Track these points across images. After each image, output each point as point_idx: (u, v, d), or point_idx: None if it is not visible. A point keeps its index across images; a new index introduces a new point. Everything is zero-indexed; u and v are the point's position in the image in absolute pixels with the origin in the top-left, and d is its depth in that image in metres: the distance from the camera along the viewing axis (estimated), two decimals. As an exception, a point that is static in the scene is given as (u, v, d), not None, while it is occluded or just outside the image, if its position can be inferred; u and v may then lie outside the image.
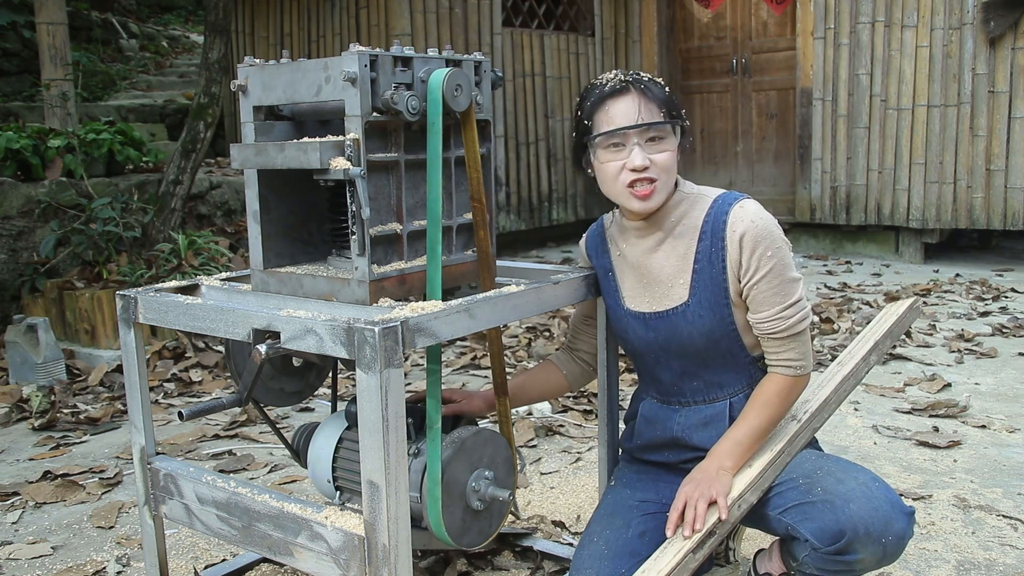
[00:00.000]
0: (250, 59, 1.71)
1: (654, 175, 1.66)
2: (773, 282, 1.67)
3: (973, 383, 3.67)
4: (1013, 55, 5.92)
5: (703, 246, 1.71)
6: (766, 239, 1.66)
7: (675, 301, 1.73)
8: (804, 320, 1.69)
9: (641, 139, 1.66)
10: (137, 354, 1.79)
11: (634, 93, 1.66)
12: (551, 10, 7.26)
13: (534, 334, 4.51)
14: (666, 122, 1.67)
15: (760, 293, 1.67)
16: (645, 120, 1.65)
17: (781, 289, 1.67)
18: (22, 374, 3.93)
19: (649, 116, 1.66)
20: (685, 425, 1.79)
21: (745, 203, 1.70)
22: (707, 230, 1.70)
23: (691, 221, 1.73)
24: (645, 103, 1.66)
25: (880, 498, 1.55)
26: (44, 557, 2.37)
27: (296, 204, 1.79)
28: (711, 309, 1.71)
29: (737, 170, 7.43)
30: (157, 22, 11.67)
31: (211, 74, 5.00)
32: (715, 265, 1.70)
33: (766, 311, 1.68)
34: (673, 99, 1.71)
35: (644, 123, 1.65)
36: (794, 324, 1.68)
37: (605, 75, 1.73)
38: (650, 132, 1.66)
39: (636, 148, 1.65)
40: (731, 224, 1.68)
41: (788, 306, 1.68)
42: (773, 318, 1.68)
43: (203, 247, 4.70)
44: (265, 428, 3.29)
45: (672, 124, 1.68)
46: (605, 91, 1.68)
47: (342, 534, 1.50)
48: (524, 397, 2.02)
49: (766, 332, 1.70)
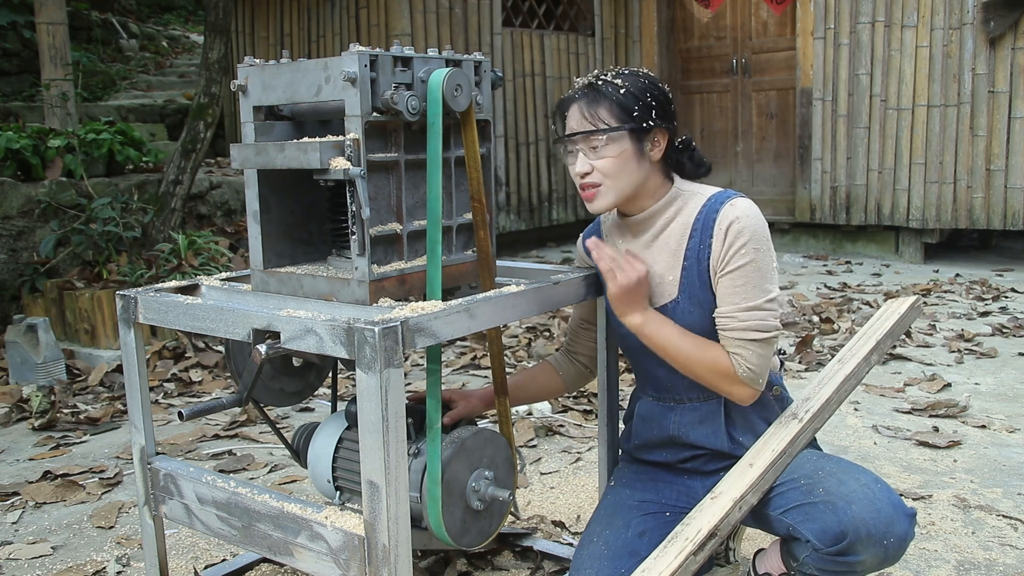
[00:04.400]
0: (250, 59, 1.71)
1: (596, 180, 1.69)
2: (739, 280, 1.64)
3: (973, 383, 3.67)
4: (1013, 55, 5.92)
5: (693, 243, 1.70)
6: (749, 236, 1.64)
7: (666, 298, 1.73)
8: (761, 331, 1.63)
9: (585, 145, 1.68)
10: (137, 354, 1.79)
11: (580, 102, 1.69)
12: (551, 10, 7.26)
13: (534, 334, 4.51)
14: (602, 130, 1.65)
15: (725, 286, 1.65)
16: (583, 128, 1.68)
17: (745, 290, 1.63)
18: (22, 374, 3.93)
19: (593, 123, 1.66)
20: (681, 423, 1.79)
21: (737, 201, 1.68)
22: (698, 227, 1.70)
23: (684, 218, 1.73)
24: (589, 112, 1.67)
25: (882, 499, 1.55)
26: (44, 557, 2.37)
27: (296, 204, 1.79)
28: (700, 306, 1.70)
29: (737, 170, 7.43)
30: (157, 22, 11.68)
31: (211, 74, 5.00)
32: (702, 262, 1.69)
33: (724, 306, 1.66)
34: (632, 99, 1.66)
35: (574, 132, 1.69)
36: (746, 328, 1.63)
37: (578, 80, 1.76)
38: (590, 140, 1.67)
39: (580, 155, 1.70)
40: (720, 220, 1.66)
41: (747, 308, 1.63)
42: (727, 315, 1.65)
43: (203, 247, 4.70)
44: (265, 428, 3.29)
45: (607, 131, 1.65)
46: (565, 97, 1.75)
47: (342, 534, 1.50)
48: (520, 397, 2.02)
49: (721, 328, 1.66)
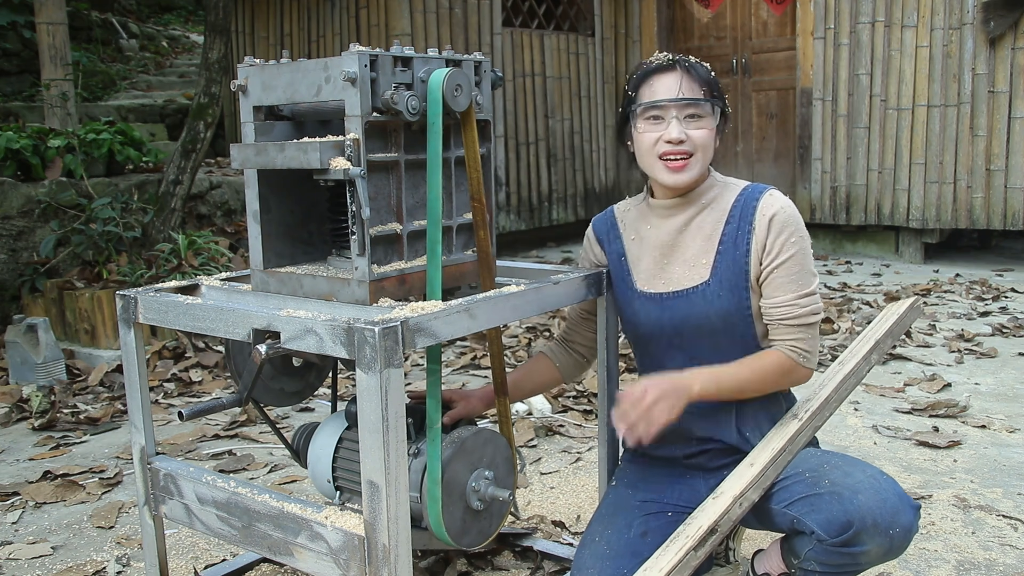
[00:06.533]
0: (250, 59, 1.71)
1: (689, 149, 1.72)
2: (793, 268, 1.70)
3: (973, 383, 3.67)
4: (1013, 55, 5.92)
5: (730, 228, 1.74)
6: (793, 225, 1.71)
7: (695, 280, 1.76)
8: (816, 314, 1.72)
9: (680, 114, 1.72)
10: (137, 354, 1.79)
11: (678, 70, 1.73)
12: (551, 10, 7.25)
13: (534, 334, 4.51)
14: (704, 99, 1.72)
15: (778, 277, 1.71)
16: (693, 95, 1.71)
17: (799, 277, 1.71)
18: (22, 374, 3.93)
19: (691, 93, 1.72)
20: (690, 415, 1.78)
21: (775, 192, 1.76)
22: (735, 214, 1.75)
23: (721, 204, 1.77)
24: (687, 80, 1.72)
25: (888, 490, 1.56)
26: (44, 557, 2.37)
27: (296, 204, 1.79)
28: (731, 291, 1.73)
29: (737, 170, 7.43)
30: (157, 22, 11.67)
31: (211, 74, 5.00)
32: (739, 247, 1.73)
33: (781, 296, 1.71)
34: (716, 82, 1.76)
35: (683, 98, 1.71)
36: (807, 314, 1.71)
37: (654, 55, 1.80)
38: (689, 108, 1.72)
39: (675, 121, 1.71)
40: (761, 208, 1.73)
41: (803, 295, 1.71)
42: (787, 304, 1.71)
43: (203, 247, 4.70)
44: (265, 428, 3.29)
45: (712, 103, 1.73)
46: (651, 67, 1.76)
47: (342, 534, 1.50)
48: (519, 393, 2.02)
49: (778, 318, 1.72)
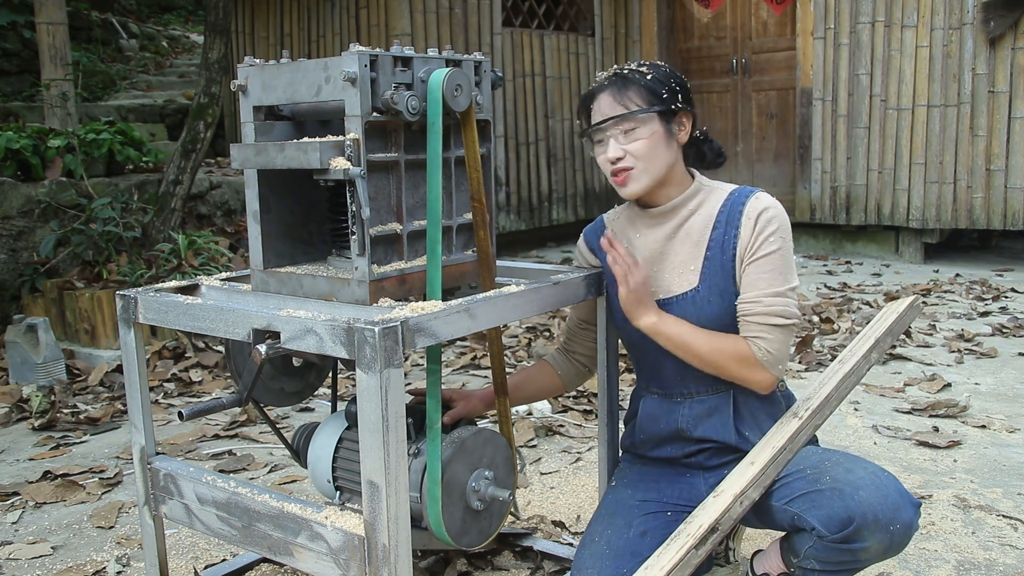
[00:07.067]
0: (250, 59, 1.71)
1: (628, 164, 1.72)
2: (767, 266, 1.69)
3: (973, 383, 3.67)
4: (1013, 55, 5.92)
5: (717, 234, 1.74)
6: (776, 224, 1.70)
7: (685, 287, 1.76)
8: (786, 318, 1.68)
9: (616, 131, 1.71)
10: (137, 354, 1.79)
11: (609, 89, 1.73)
12: (551, 10, 7.25)
13: (534, 334, 4.51)
14: (636, 111, 1.69)
15: (752, 272, 1.69)
16: (615, 113, 1.70)
17: (772, 276, 1.69)
18: (22, 374, 3.93)
19: (621, 108, 1.70)
20: (688, 416, 1.80)
21: (762, 194, 1.75)
22: (722, 219, 1.74)
23: (707, 210, 1.77)
24: (619, 96, 1.71)
25: (889, 487, 1.56)
26: (44, 557, 2.37)
27: (296, 204, 1.79)
28: (720, 296, 1.72)
29: (737, 170, 7.43)
30: (157, 22, 11.67)
31: (211, 74, 5.00)
32: (726, 252, 1.72)
33: (750, 292, 1.69)
34: (661, 81, 1.72)
35: (608, 118, 1.71)
36: (773, 313, 1.67)
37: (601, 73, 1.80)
38: (622, 124, 1.70)
39: (611, 141, 1.72)
40: (747, 212, 1.72)
41: (773, 293, 1.68)
42: (753, 299, 1.69)
43: (203, 247, 4.70)
44: (265, 428, 3.29)
45: (647, 111, 1.69)
46: (591, 90, 1.77)
47: (342, 534, 1.50)
48: (519, 396, 2.02)
49: (743, 312, 1.70)
